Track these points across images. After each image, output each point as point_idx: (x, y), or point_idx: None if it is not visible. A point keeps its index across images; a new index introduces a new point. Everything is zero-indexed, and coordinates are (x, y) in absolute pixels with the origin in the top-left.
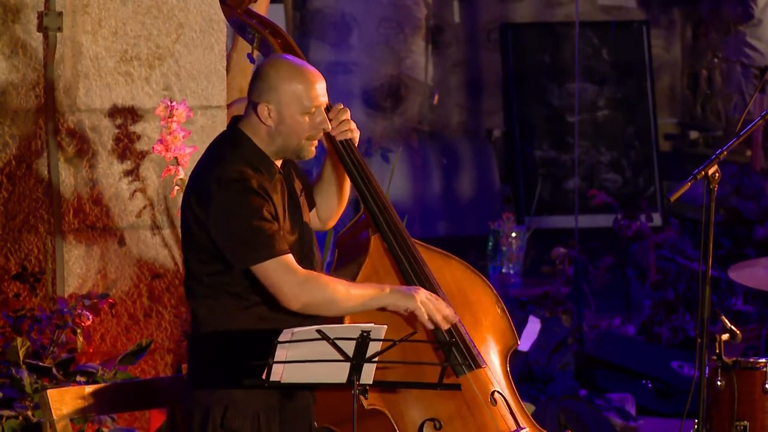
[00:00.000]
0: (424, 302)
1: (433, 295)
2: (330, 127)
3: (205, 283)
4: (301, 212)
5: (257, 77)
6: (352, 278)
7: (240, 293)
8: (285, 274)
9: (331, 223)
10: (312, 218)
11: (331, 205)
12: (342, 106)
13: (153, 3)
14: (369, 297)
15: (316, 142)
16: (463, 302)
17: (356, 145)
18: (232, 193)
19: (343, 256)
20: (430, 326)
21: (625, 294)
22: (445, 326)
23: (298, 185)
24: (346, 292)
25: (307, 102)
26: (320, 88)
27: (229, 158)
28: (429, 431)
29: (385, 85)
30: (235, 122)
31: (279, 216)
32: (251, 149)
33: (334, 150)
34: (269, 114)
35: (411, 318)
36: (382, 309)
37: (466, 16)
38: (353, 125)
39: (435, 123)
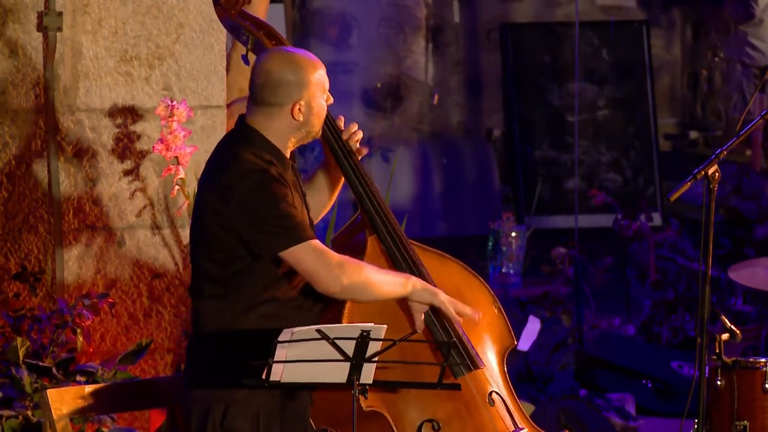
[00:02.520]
0: (449, 300)
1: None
2: (332, 99)
3: (218, 283)
4: (309, 211)
5: (278, 81)
6: None
7: (250, 293)
8: (321, 257)
9: None
10: None
11: (317, 211)
12: (342, 118)
13: (153, 3)
14: (398, 284)
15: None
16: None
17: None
18: (254, 182)
19: None
20: (459, 320)
21: (625, 294)
22: (476, 317)
23: (301, 185)
24: (379, 276)
25: (325, 84)
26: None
27: (244, 154)
28: None
29: (385, 85)
30: (243, 120)
31: (298, 207)
32: (264, 144)
33: (332, 151)
34: (300, 110)
35: (410, 319)
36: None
37: (466, 16)
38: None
39: (435, 123)
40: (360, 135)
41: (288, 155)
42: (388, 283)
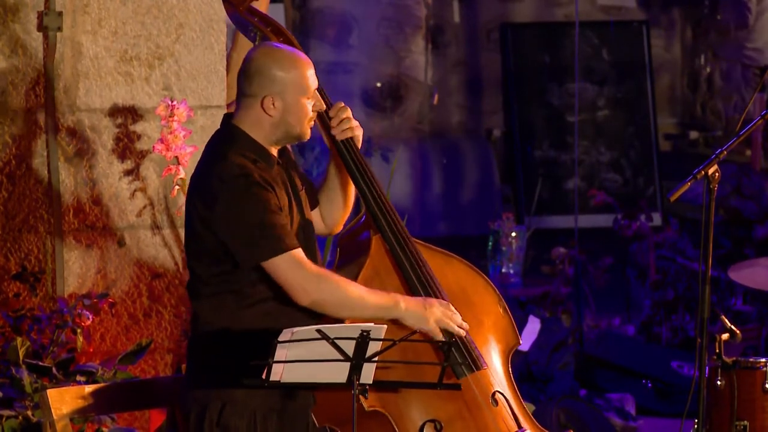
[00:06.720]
0: (439, 320)
1: (444, 303)
2: (324, 106)
3: (210, 283)
4: (303, 206)
5: (254, 72)
6: (353, 279)
7: (244, 291)
8: (296, 270)
9: (337, 229)
10: (316, 222)
11: (337, 211)
12: (342, 105)
13: (153, 3)
14: (382, 307)
15: (312, 123)
16: (464, 302)
17: (359, 143)
18: (236, 189)
19: (345, 257)
20: (440, 337)
21: (625, 294)
22: (463, 334)
23: (297, 180)
24: (359, 296)
25: (307, 85)
26: (312, 70)
27: (227, 155)
28: None
29: (385, 85)
30: (227, 119)
31: (284, 207)
32: (248, 143)
33: (336, 150)
34: (273, 104)
35: None
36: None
37: (466, 16)
38: (355, 123)
39: (435, 123)
40: (348, 112)
41: (274, 153)
42: (371, 305)
